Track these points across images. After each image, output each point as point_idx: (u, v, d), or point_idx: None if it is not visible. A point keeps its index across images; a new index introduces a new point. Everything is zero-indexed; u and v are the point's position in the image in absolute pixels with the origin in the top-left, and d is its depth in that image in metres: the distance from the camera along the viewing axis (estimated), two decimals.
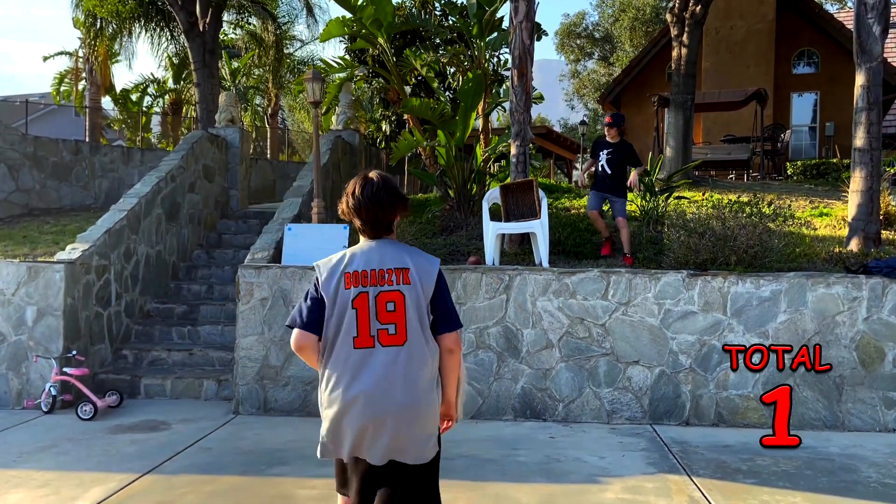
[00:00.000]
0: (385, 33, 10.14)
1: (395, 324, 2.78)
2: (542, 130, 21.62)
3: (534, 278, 7.04)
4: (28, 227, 11.33)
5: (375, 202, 2.84)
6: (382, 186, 2.86)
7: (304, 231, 8.02)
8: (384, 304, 2.79)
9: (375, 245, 2.90)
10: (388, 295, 2.79)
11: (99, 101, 24.70)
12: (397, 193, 2.91)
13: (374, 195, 2.84)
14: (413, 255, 2.89)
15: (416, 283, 2.81)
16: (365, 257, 2.86)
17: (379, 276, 2.81)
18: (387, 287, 2.80)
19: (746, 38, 20.31)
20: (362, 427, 2.76)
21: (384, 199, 2.85)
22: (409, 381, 2.77)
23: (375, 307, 2.79)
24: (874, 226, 8.14)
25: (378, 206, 2.84)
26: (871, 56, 8.13)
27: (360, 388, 2.76)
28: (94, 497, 4.84)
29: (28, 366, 7.55)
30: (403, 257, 2.86)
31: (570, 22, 40.13)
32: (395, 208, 2.90)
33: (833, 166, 15.40)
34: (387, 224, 2.90)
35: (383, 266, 2.83)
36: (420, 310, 2.81)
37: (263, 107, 31.86)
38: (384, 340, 2.78)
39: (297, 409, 7.20)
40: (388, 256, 2.85)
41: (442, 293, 2.88)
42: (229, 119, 12.32)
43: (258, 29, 24.93)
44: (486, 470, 5.42)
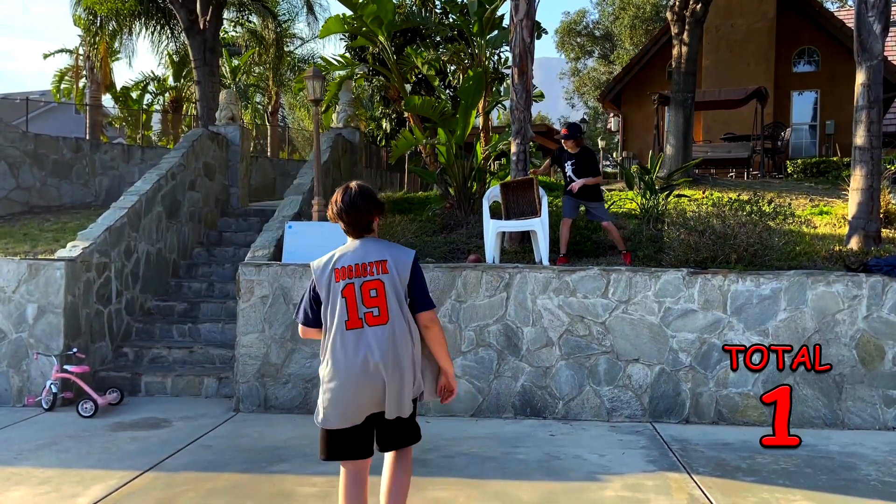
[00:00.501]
0: (385, 31, 10.14)
1: (378, 307, 3.35)
2: (542, 128, 21.63)
3: (534, 276, 7.05)
4: (28, 224, 11.33)
5: (353, 207, 3.43)
6: (359, 193, 3.44)
7: (304, 229, 8.03)
8: (368, 292, 3.36)
9: (359, 243, 3.47)
10: (371, 284, 3.36)
11: (99, 98, 24.67)
12: (373, 199, 3.48)
13: (352, 201, 3.43)
14: (391, 249, 3.46)
15: (393, 273, 3.37)
16: (350, 254, 3.43)
17: (362, 268, 3.38)
18: (369, 277, 3.37)
19: (747, 37, 20.30)
20: (356, 397, 3.33)
21: (361, 204, 3.43)
22: (394, 352, 3.33)
23: (361, 294, 3.36)
24: (874, 224, 8.14)
25: (356, 210, 3.43)
26: (871, 54, 8.13)
27: (355, 361, 3.33)
28: (94, 494, 4.85)
29: (29, 363, 7.56)
30: (383, 251, 3.43)
31: (571, 20, 40.10)
32: (372, 212, 3.47)
33: (833, 165, 15.40)
34: (366, 224, 3.47)
35: (366, 260, 3.40)
36: (398, 294, 3.37)
37: (264, 105, 31.85)
38: (370, 321, 3.35)
39: (298, 406, 7.21)
40: (370, 252, 3.42)
41: (417, 280, 3.43)
42: (230, 117, 12.32)
43: (258, 27, 24.91)
44: (487, 468, 5.43)
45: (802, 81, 20.94)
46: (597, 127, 43.13)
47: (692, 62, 12.90)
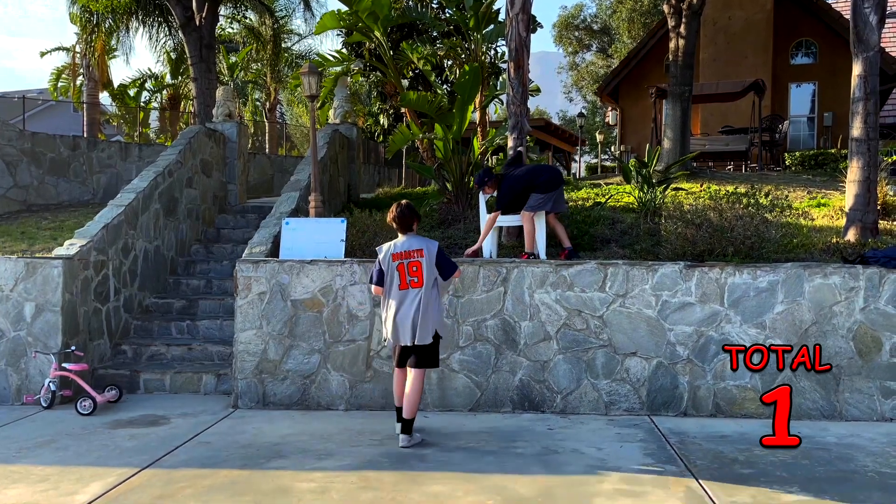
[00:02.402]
0: (381, 26, 10.12)
1: (418, 277, 5.73)
2: (540, 123, 21.59)
3: (531, 271, 7.05)
4: (26, 223, 11.32)
5: (402, 215, 5.87)
6: (406, 207, 5.91)
7: (301, 225, 8.02)
8: (412, 268, 5.75)
9: (406, 238, 5.87)
10: (414, 263, 5.75)
11: (96, 96, 24.62)
12: (414, 211, 5.93)
13: (402, 212, 5.87)
14: (425, 242, 5.88)
15: (427, 256, 5.77)
16: (400, 244, 5.83)
17: (408, 254, 5.77)
18: (413, 259, 5.76)
19: (745, 29, 20.26)
20: (403, 328, 5.72)
21: (407, 214, 5.88)
22: (424, 306, 5.69)
23: (407, 269, 5.75)
24: (871, 216, 8.14)
25: (404, 217, 5.87)
26: (867, 45, 8.12)
27: (403, 310, 5.74)
28: (93, 491, 4.86)
29: (27, 361, 7.57)
30: (421, 243, 5.84)
31: (568, 14, 40.02)
32: (412, 219, 5.90)
33: (831, 157, 15.40)
34: (409, 226, 5.89)
35: (410, 248, 5.79)
36: (431, 269, 5.76)
37: (262, 101, 31.81)
38: (413, 286, 5.74)
39: (296, 402, 7.22)
40: (413, 243, 5.82)
41: (441, 258, 5.85)
42: (227, 114, 12.30)
43: (255, 23, 24.85)
44: (485, 462, 5.44)
45: (800, 73, 20.91)
46: (595, 121, 43.06)
47: (689, 55, 12.88)
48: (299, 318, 7.25)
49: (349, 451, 5.76)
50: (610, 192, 10.85)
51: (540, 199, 7.58)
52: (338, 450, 5.79)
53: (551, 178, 7.68)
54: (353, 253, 7.91)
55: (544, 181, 7.60)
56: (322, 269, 7.24)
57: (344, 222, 7.97)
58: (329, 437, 6.18)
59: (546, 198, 7.59)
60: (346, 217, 8.42)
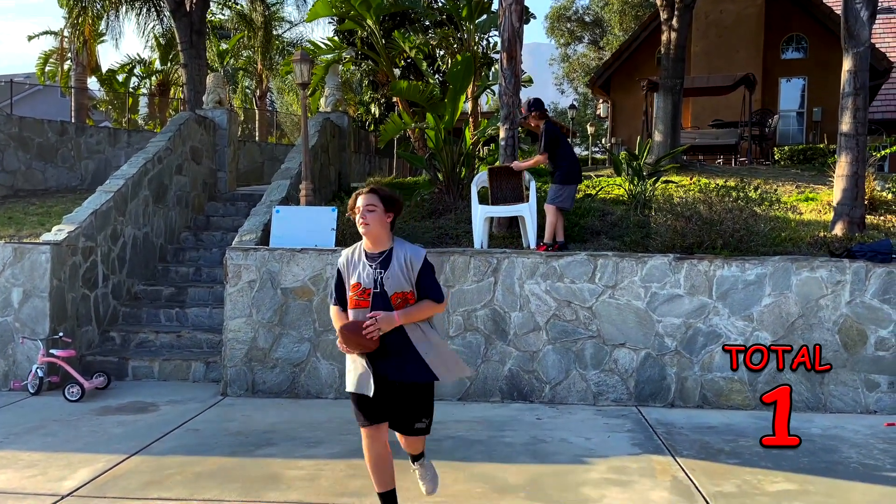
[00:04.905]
0: (374, 14, 10.08)
1: None
2: None
3: (521, 261, 7.07)
4: (13, 208, 11.23)
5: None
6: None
7: (292, 213, 8.00)
8: None
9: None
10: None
11: (85, 81, 24.35)
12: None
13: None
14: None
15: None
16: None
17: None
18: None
19: (736, 23, 20.30)
20: None
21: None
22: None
23: None
24: (859, 210, 8.21)
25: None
26: (858, 41, 8.16)
27: None
28: (81, 477, 4.85)
29: (14, 347, 7.53)
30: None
31: (561, 5, 39.91)
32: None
33: (820, 151, 15.49)
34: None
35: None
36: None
37: (252, 88, 31.60)
38: None
39: (286, 390, 7.22)
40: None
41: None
42: (217, 101, 12.22)
43: (247, 9, 24.67)
44: (473, 450, 5.47)
45: (790, 68, 20.99)
46: (586, 113, 43.09)
47: (681, 48, 12.90)
48: (289, 306, 7.24)
49: (338, 439, 5.77)
50: (600, 184, 10.88)
51: (569, 192, 7.60)
52: (327, 438, 5.80)
53: (580, 171, 7.84)
54: (343, 242, 7.89)
55: (579, 170, 7.76)
56: (312, 257, 7.23)
57: (335, 211, 7.95)
58: (318, 425, 6.19)
59: (573, 191, 7.68)
60: (336, 206, 8.40)
